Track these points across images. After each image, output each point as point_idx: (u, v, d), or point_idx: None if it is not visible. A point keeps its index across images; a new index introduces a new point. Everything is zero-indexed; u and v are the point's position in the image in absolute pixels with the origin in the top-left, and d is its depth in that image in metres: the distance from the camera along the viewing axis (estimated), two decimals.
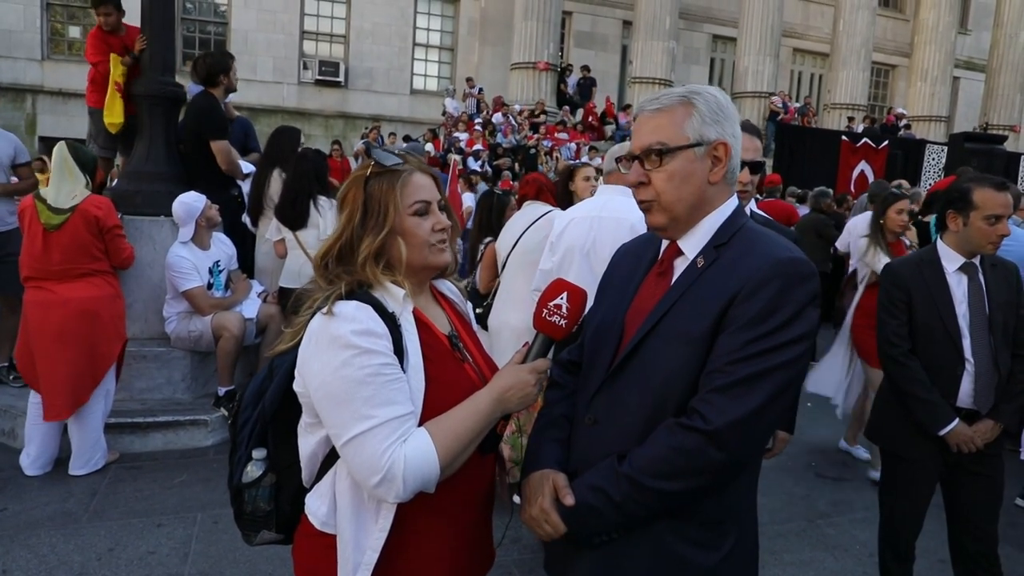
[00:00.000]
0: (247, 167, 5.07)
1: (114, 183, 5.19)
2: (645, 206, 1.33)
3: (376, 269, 1.27)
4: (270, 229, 4.48)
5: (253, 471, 1.37)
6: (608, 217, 2.80)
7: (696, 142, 1.27)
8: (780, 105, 17.26)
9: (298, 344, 1.26)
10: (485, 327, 3.69)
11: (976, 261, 2.42)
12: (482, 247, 4.16)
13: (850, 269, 6.48)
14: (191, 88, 5.27)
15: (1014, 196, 2.23)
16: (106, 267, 3.55)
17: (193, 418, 4.06)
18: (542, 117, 15.26)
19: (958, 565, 2.48)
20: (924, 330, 2.41)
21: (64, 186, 3.46)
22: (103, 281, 3.52)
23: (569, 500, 1.26)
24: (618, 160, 1.94)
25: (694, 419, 1.18)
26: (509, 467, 1.57)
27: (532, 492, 1.33)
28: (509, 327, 3.40)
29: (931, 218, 6.22)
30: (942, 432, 2.33)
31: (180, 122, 4.96)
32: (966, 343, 2.36)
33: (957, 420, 2.33)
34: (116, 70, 4.73)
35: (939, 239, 2.50)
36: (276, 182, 4.55)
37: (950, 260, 2.43)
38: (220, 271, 4.34)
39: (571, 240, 2.88)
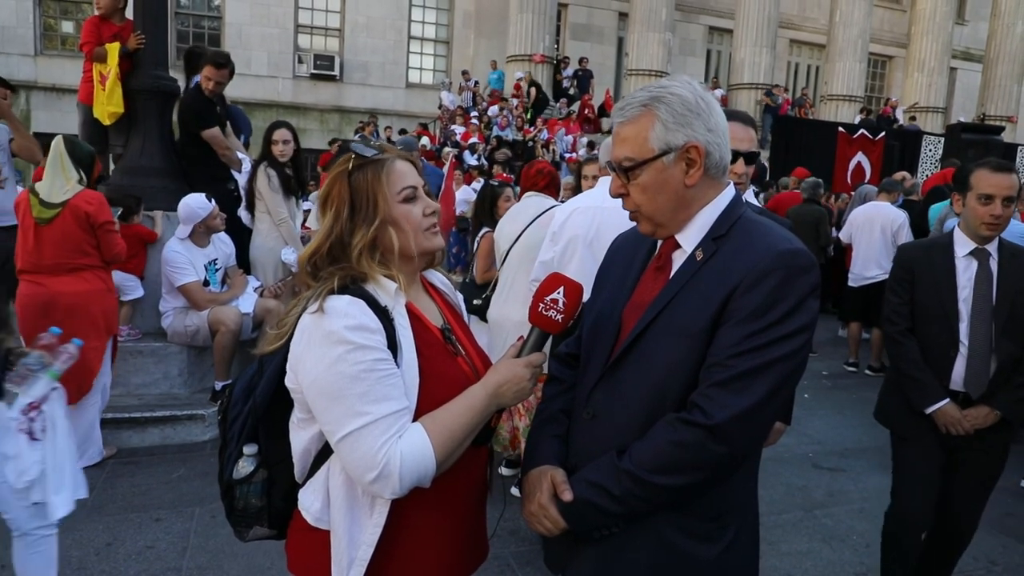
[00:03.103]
0: (244, 158, 5.06)
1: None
2: (632, 216, 1.33)
3: (372, 262, 1.26)
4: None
5: (244, 467, 1.36)
6: (611, 207, 2.78)
7: (663, 151, 1.24)
8: (777, 101, 17.19)
9: (286, 342, 1.25)
10: (485, 320, 3.68)
11: (991, 248, 2.40)
12: (478, 237, 4.16)
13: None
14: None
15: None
16: (97, 262, 3.55)
17: (190, 413, 4.05)
18: (545, 111, 15.17)
19: (932, 537, 2.50)
20: (922, 310, 2.44)
21: (56, 180, 3.47)
22: (94, 276, 3.52)
23: (567, 496, 1.26)
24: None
25: (694, 414, 1.17)
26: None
27: (531, 488, 1.32)
28: (511, 321, 3.38)
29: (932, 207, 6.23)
30: (928, 410, 2.35)
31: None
32: (963, 326, 2.36)
33: (947, 400, 2.33)
34: (113, 59, 4.71)
35: (956, 225, 2.50)
36: (271, 177, 4.56)
37: (961, 245, 2.43)
38: (216, 269, 4.33)
39: (574, 230, 2.87)
